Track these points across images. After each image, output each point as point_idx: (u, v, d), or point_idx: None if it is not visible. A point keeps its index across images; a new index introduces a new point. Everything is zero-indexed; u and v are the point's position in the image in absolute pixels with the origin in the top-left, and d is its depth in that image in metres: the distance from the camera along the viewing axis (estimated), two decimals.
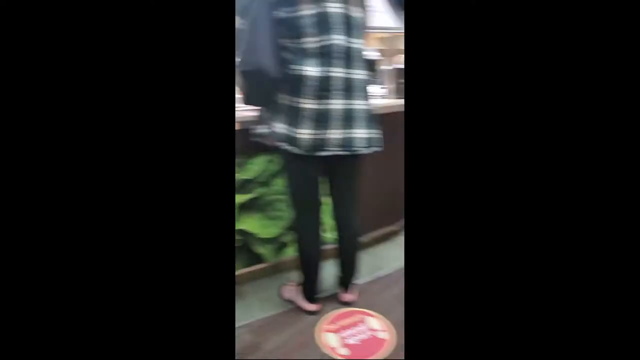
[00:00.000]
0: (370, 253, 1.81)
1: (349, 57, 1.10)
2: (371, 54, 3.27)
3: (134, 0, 0.51)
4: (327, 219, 1.40)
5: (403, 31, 1.84)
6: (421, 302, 0.56)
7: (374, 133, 1.18)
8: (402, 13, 1.72)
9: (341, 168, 1.23)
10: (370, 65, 2.95)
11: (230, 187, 0.59)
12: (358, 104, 1.14)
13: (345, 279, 1.40)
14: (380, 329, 1.27)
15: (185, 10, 0.53)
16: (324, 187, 1.28)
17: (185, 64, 0.53)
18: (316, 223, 1.29)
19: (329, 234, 1.57)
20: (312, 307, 1.35)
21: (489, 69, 0.52)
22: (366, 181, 1.73)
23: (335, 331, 1.26)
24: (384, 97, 1.81)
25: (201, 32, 0.54)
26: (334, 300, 1.43)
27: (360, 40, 1.14)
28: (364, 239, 1.82)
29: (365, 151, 1.17)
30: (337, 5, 1.07)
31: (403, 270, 1.64)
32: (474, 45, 0.52)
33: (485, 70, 0.52)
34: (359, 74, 1.14)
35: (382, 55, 2.59)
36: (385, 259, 1.76)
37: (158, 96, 0.53)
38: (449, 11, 0.53)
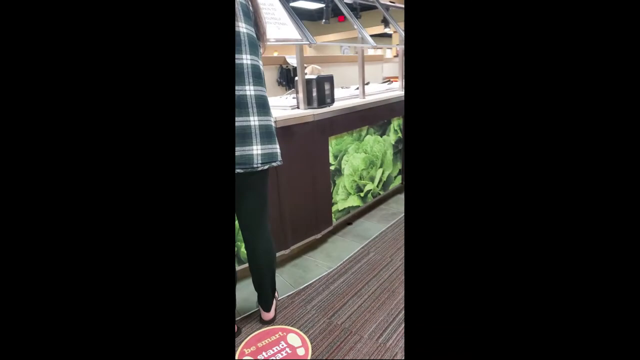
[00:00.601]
0: (295, 265, 1.80)
1: (238, 74, 1.07)
2: (290, 62, 3.26)
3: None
4: (239, 238, 1.35)
5: (307, 42, 1.84)
6: (421, 302, 0.55)
7: (272, 148, 1.16)
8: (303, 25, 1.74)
9: (242, 186, 1.20)
10: (285, 75, 2.93)
11: (230, 186, 0.60)
12: (253, 120, 1.11)
13: (263, 297, 1.36)
14: (300, 344, 1.26)
15: (183, 12, 0.53)
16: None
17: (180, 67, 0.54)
18: None
19: (243, 253, 1.53)
20: None
21: (488, 69, 0.52)
22: (285, 194, 1.72)
23: (253, 354, 1.22)
24: (295, 107, 1.81)
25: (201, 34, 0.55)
26: (255, 319, 1.39)
27: (252, 56, 1.11)
28: (289, 252, 1.81)
29: (264, 167, 1.15)
30: None
31: (324, 278, 1.65)
32: (474, 45, 0.53)
33: (484, 70, 0.53)
34: (252, 90, 1.11)
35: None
36: (310, 269, 1.76)
37: (158, 97, 0.53)
38: (448, 11, 0.53)
